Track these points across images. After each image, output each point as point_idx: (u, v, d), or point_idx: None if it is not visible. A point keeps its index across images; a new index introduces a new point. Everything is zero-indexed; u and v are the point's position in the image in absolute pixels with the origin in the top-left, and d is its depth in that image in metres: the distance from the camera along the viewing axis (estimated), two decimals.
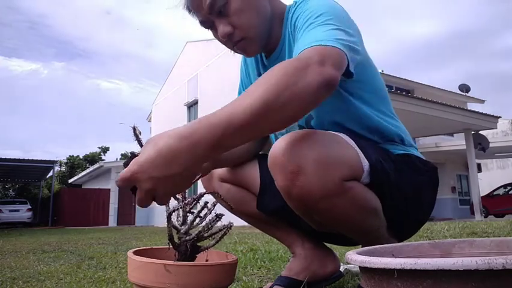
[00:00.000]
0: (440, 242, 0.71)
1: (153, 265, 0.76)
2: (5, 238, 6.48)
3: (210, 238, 0.86)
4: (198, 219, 0.86)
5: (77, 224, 17.84)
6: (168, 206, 0.85)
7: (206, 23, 1.00)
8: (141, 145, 0.78)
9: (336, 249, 2.15)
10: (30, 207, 19.89)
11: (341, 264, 1.36)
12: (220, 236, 0.86)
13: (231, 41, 0.99)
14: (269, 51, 1.08)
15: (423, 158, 1.07)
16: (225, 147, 0.69)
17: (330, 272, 1.20)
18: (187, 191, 0.89)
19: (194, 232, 0.84)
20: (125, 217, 19.19)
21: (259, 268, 1.73)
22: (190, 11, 1.01)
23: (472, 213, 12.54)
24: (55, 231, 10.26)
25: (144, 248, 0.93)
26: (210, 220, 0.86)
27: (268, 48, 1.06)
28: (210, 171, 1.16)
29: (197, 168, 0.70)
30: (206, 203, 0.87)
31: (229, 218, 1.27)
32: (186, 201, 0.86)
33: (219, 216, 0.85)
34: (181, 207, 0.85)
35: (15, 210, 19.24)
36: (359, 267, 0.58)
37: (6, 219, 18.54)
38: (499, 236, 2.84)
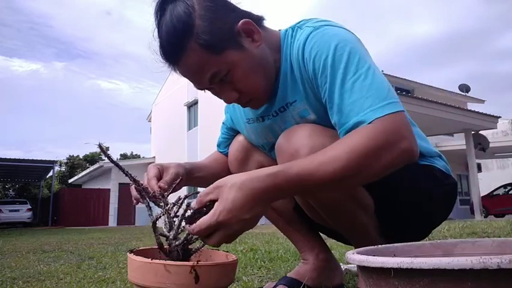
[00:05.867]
0: (442, 242, 0.71)
1: (153, 265, 0.76)
2: (5, 238, 6.47)
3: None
4: (184, 222, 0.84)
5: (77, 224, 17.85)
6: (151, 214, 0.84)
7: (204, 89, 0.95)
8: (111, 160, 0.83)
9: (336, 249, 2.16)
10: (30, 207, 19.88)
11: (341, 264, 1.36)
12: None
13: (238, 103, 0.97)
14: None
15: (446, 172, 1.04)
16: (294, 195, 0.85)
17: (335, 286, 1.20)
18: (168, 195, 0.89)
19: (183, 236, 0.83)
20: (125, 217, 19.19)
21: (259, 268, 1.73)
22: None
23: (472, 213, 12.55)
24: (55, 231, 10.26)
25: (144, 248, 0.93)
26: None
27: None
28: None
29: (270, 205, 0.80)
30: (189, 204, 0.85)
31: None
32: (168, 207, 0.83)
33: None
34: (163, 214, 0.82)
35: (15, 210, 19.23)
36: (357, 266, 0.58)
37: (6, 219, 18.53)
38: (499, 236, 2.84)
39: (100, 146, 0.81)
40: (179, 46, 0.85)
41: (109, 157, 0.84)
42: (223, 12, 0.88)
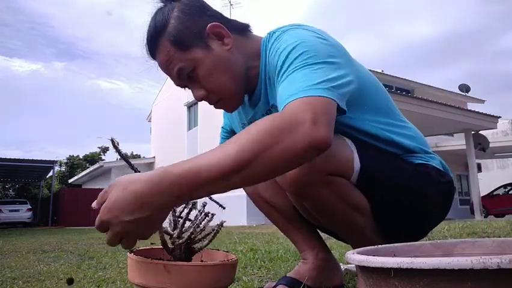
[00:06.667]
0: (442, 242, 0.71)
1: (153, 265, 0.76)
2: (5, 238, 6.47)
3: (204, 239, 0.86)
4: (189, 222, 0.85)
5: (77, 224, 17.85)
6: None
7: (180, 85, 1.00)
8: (121, 155, 0.84)
9: (336, 249, 2.15)
10: (30, 207, 19.90)
11: (341, 264, 1.36)
12: (212, 235, 0.86)
13: (208, 103, 1.00)
14: (251, 90, 1.05)
15: (442, 169, 1.04)
16: (192, 197, 0.71)
17: (335, 286, 1.20)
18: None
19: (186, 235, 0.84)
20: None
21: (259, 268, 1.73)
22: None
23: (472, 213, 12.55)
24: (55, 231, 10.26)
25: (144, 248, 0.93)
26: (200, 220, 0.85)
27: (250, 87, 1.03)
28: None
29: (166, 212, 0.72)
30: (194, 203, 0.86)
31: (223, 217, 1.26)
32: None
33: (207, 215, 0.84)
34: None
35: (15, 210, 19.24)
36: (356, 266, 0.58)
37: (6, 219, 18.54)
38: (499, 236, 2.84)
39: (112, 141, 0.83)
40: (154, 42, 0.95)
41: (119, 152, 0.86)
42: (197, 15, 0.96)
